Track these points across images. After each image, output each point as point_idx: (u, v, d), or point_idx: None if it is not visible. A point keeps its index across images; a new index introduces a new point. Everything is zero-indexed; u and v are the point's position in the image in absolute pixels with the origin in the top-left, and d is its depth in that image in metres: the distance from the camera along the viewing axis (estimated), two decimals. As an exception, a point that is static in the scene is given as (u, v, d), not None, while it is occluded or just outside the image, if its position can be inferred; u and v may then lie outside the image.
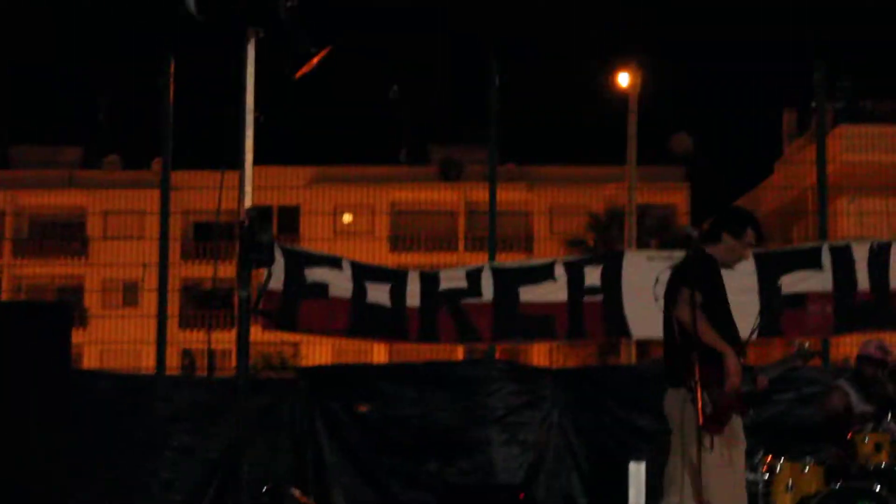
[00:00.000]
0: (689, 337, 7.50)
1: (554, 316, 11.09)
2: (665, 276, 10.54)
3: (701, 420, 7.35)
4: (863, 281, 10.78)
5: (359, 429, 11.07)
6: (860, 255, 10.85)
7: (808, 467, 9.35)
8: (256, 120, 8.38)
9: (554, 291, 11.08)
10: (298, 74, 8.58)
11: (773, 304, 9.83)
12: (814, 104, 11.92)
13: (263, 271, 10.85)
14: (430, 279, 11.32)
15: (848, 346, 10.96)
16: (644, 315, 10.82)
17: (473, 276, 11.20)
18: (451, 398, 11.08)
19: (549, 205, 37.94)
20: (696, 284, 7.59)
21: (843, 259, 10.84)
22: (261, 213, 8.26)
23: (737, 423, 7.66)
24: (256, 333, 11.33)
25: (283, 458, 10.87)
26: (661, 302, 10.56)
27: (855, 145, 27.32)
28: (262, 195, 11.32)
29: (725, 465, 7.54)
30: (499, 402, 11.03)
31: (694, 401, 7.39)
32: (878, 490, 8.86)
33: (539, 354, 20.66)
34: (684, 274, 7.75)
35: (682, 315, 7.57)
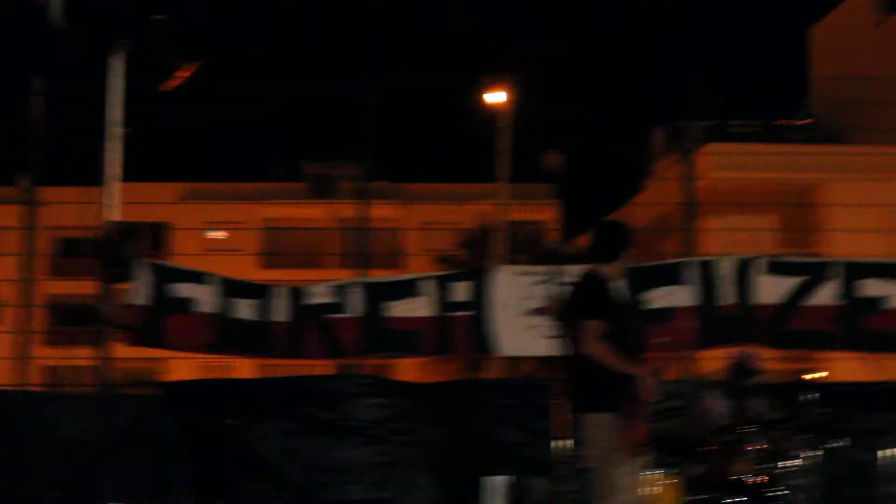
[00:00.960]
0: (597, 364, 7.67)
1: (421, 332, 11.13)
2: (535, 292, 10.79)
3: (632, 443, 7.63)
4: (728, 295, 10.96)
5: (223, 444, 11.01)
6: (726, 270, 11.03)
7: (672, 480, 9.48)
8: (126, 135, 8.31)
9: (421, 307, 11.11)
10: (167, 88, 8.53)
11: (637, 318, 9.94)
12: (682, 123, 12.17)
13: (129, 286, 10.80)
14: (297, 294, 11.30)
15: (713, 361, 11.11)
16: (513, 331, 10.94)
17: (340, 291, 11.21)
18: (317, 412, 11.07)
19: (421, 221, 38.03)
20: (597, 314, 7.77)
21: (708, 274, 11.01)
22: (122, 228, 8.21)
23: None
24: (122, 350, 11.24)
25: (144, 473, 10.78)
26: (531, 319, 10.81)
27: (723, 163, 27.71)
28: (131, 211, 11.24)
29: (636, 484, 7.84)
30: (365, 415, 11.04)
31: (630, 428, 7.62)
32: (738, 501, 8.99)
33: (407, 370, 20.66)
34: (584, 304, 7.88)
35: (590, 350, 7.71)
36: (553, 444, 7.75)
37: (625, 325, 7.91)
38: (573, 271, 10.15)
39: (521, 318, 10.87)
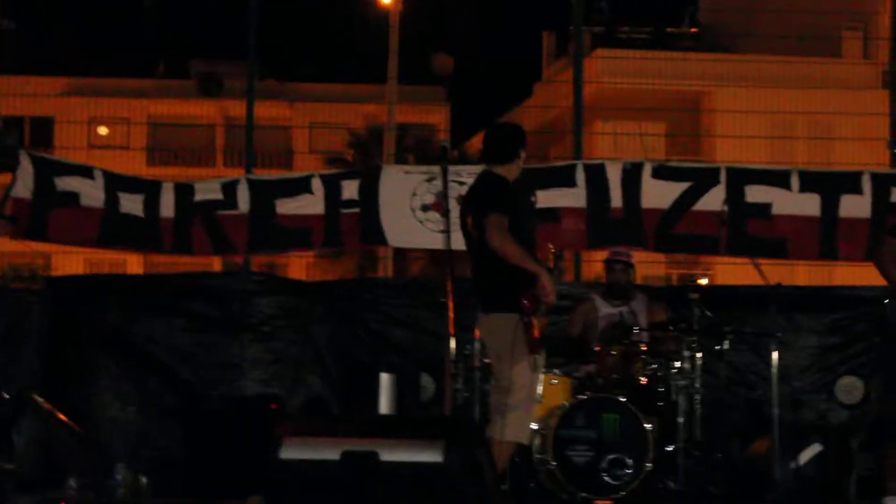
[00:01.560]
0: (503, 262, 7.69)
1: (310, 228, 11.09)
2: (423, 189, 10.83)
3: (532, 342, 7.76)
4: (615, 199, 11.02)
5: (108, 340, 10.94)
6: (613, 174, 11.08)
7: (556, 380, 9.56)
8: (5, 28, 8.09)
9: (311, 204, 11.07)
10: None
11: (531, 219, 9.97)
12: (571, 27, 12.16)
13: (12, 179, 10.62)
14: (184, 190, 11.18)
15: (599, 264, 11.19)
16: (400, 226, 10.97)
17: (229, 188, 11.11)
18: (205, 309, 11.02)
19: (310, 121, 37.75)
20: (502, 209, 7.79)
21: (596, 178, 11.05)
22: (3, 120, 8.03)
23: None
24: (7, 244, 11.07)
25: (27, 367, 10.69)
26: (419, 214, 10.84)
27: (611, 69, 27.78)
28: (12, 105, 11.03)
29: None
30: (254, 313, 11.02)
31: (528, 324, 7.71)
32: (623, 400, 9.10)
33: (297, 269, 20.62)
34: (488, 199, 7.90)
35: (495, 242, 7.74)
36: (446, 342, 7.77)
37: (522, 225, 7.96)
38: (463, 171, 10.21)
39: (409, 213, 10.89)
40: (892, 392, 7.77)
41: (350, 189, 11.08)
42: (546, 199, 10.87)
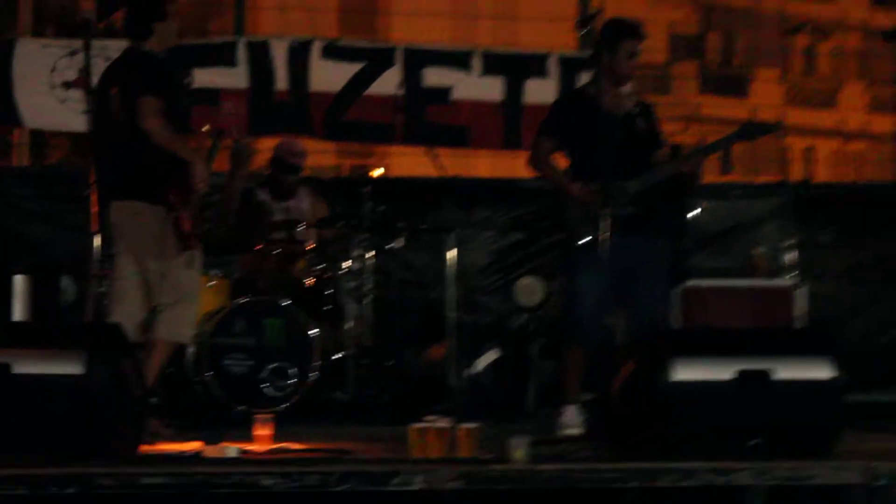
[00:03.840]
0: (151, 148, 7.56)
1: None
2: (63, 64, 10.55)
3: (184, 237, 7.71)
4: (281, 81, 10.96)
5: None
6: (279, 53, 11.00)
7: (213, 281, 9.50)
8: None
9: None
10: None
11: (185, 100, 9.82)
12: None
13: None
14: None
15: (264, 153, 11.15)
16: (38, 105, 10.66)
17: None
18: None
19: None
20: (152, 90, 7.65)
21: (260, 56, 10.96)
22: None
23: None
24: None
25: None
26: (59, 92, 10.57)
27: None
28: None
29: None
30: None
31: (177, 218, 7.65)
32: (286, 304, 9.12)
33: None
34: (135, 78, 7.77)
35: (150, 127, 7.60)
36: (90, 240, 7.65)
37: (175, 106, 7.84)
38: (109, 46, 9.95)
39: (48, 91, 10.60)
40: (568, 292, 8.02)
41: (-21, 60, 10.71)
42: (204, 78, 10.73)
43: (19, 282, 9.30)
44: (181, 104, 8.18)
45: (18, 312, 9.22)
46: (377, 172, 10.73)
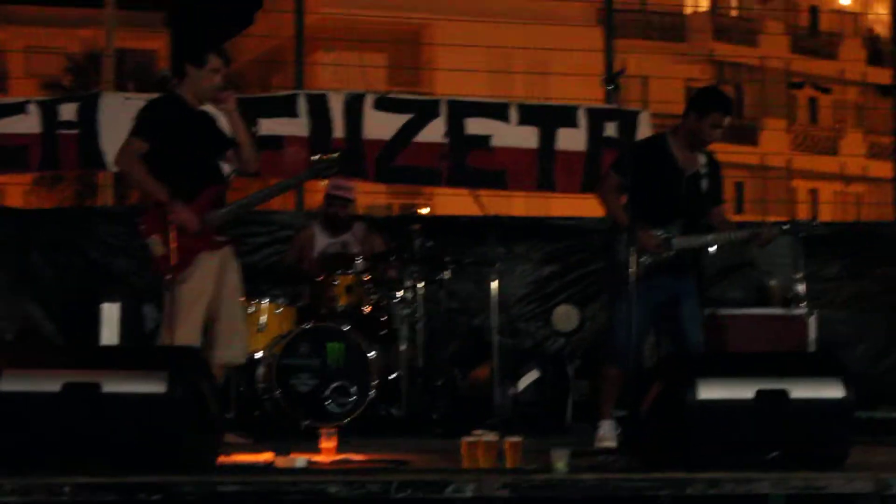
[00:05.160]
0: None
1: (27, 146, 10.74)
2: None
3: (160, 265, 7.67)
4: (338, 129, 11.00)
5: None
6: (335, 105, 11.04)
7: (280, 308, 9.54)
8: None
9: (27, 124, 10.71)
10: None
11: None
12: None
13: None
14: None
15: (319, 193, 11.16)
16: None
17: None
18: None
19: (25, 45, 36.55)
20: (134, 132, 7.74)
21: (318, 108, 11.00)
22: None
23: (205, 258, 7.77)
24: None
25: None
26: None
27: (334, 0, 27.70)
28: None
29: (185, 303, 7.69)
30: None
31: (152, 247, 7.68)
32: (346, 329, 9.12)
33: (14, 196, 20.04)
34: (135, 120, 7.80)
35: (117, 165, 7.93)
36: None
37: (194, 150, 7.79)
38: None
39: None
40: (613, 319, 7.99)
41: (68, 112, 10.77)
42: (269, 127, 10.76)
43: (107, 310, 9.35)
44: (202, 146, 8.00)
45: (107, 337, 9.25)
46: (425, 210, 10.74)
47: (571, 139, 11.26)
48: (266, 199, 8.35)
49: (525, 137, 11.26)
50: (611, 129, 11.16)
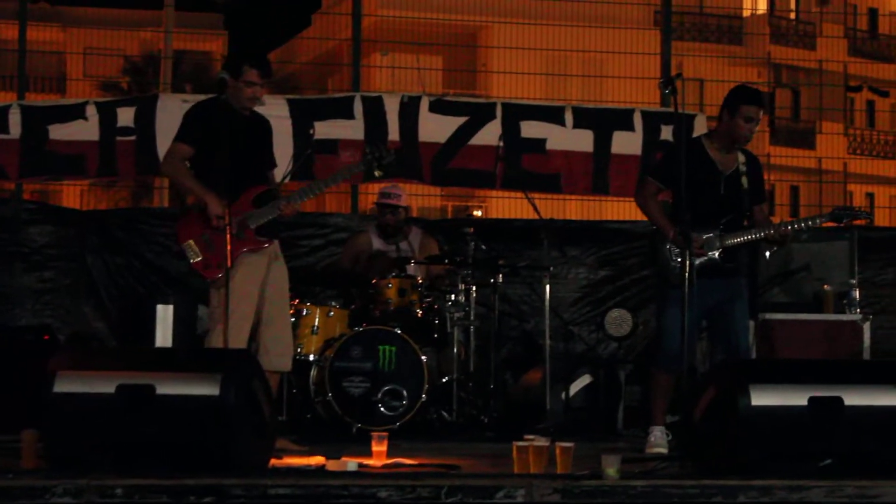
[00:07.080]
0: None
1: (84, 154, 10.82)
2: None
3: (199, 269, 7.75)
4: (393, 132, 11.01)
5: None
6: (391, 107, 11.05)
7: (332, 311, 9.56)
8: None
9: (85, 131, 10.79)
10: None
11: (306, 150, 9.83)
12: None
13: None
14: (-47, 115, 10.79)
15: (372, 196, 11.17)
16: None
17: (0, 114, 10.78)
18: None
19: (84, 47, 36.80)
20: (182, 137, 7.82)
21: (374, 110, 11.02)
22: None
23: (247, 258, 7.80)
24: None
25: None
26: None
27: (390, 2, 27.70)
28: None
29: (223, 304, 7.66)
30: (26, 242, 10.72)
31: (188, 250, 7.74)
32: (399, 332, 9.12)
33: (70, 197, 20.12)
34: (181, 124, 7.90)
35: (162, 167, 8.18)
36: (224, 273, 7.66)
37: (236, 154, 7.75)
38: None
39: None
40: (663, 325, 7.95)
41: (126, 116, 10.83)
42: (324, 130, 10.77)
43: (162, 311, 9.39)
44: (247, 154, 8.02)
45: (161, 338, 9.29)
46: (478, 213, 10.73)
47: (627, 142, 11.23)
48: (307, 195, 8.17)
49: (580, 141, 11.24)
50: (666, 133, 11.11)
